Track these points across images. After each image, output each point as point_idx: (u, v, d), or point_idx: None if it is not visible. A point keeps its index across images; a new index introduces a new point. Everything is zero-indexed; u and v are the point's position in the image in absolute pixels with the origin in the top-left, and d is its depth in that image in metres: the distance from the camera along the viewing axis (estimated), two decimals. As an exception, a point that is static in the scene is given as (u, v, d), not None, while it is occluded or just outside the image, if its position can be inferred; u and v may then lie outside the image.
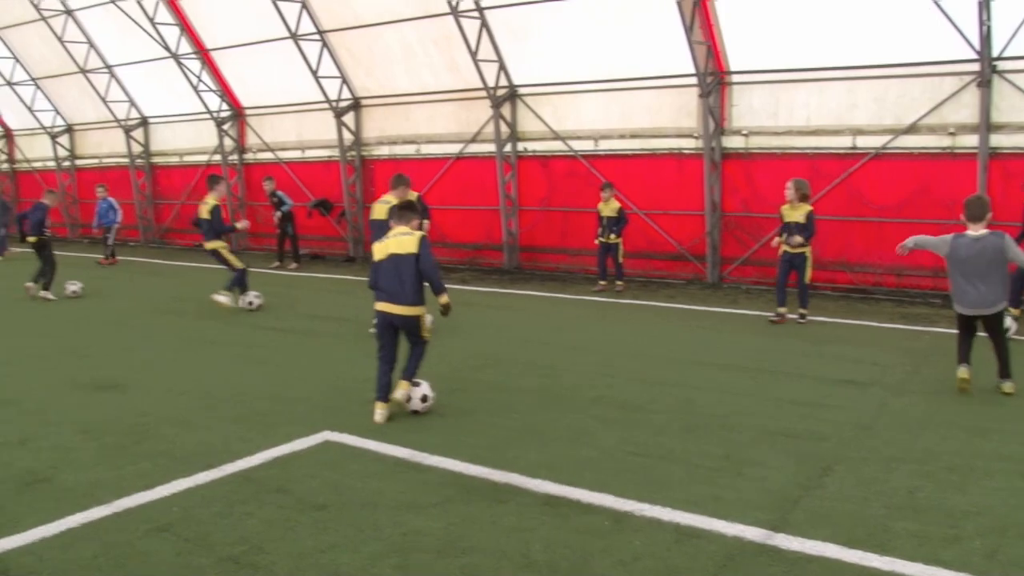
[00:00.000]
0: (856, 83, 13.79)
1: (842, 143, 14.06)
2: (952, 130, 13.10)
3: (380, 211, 10.62)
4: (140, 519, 5.55)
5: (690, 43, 14.30)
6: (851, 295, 13.93)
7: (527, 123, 17.39)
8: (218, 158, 23.06)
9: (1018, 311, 10.79)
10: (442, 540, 5.15)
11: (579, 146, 16.71)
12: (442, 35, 17.21)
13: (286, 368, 9.77)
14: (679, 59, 14.72)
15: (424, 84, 18.46)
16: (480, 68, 16.80)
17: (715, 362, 9.63)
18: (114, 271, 19.68)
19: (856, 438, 6.91)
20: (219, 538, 5.24)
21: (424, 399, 7.78)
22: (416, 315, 7.66)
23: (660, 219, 15.94)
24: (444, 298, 7.75)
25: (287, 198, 19.70)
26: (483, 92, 17.20)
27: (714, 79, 14.76)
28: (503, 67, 17.02)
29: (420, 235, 7.69)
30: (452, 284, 15.09)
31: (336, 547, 5.09)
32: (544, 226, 17.44)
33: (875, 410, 7.69)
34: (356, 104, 20.01)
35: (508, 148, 17.53)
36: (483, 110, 17.54)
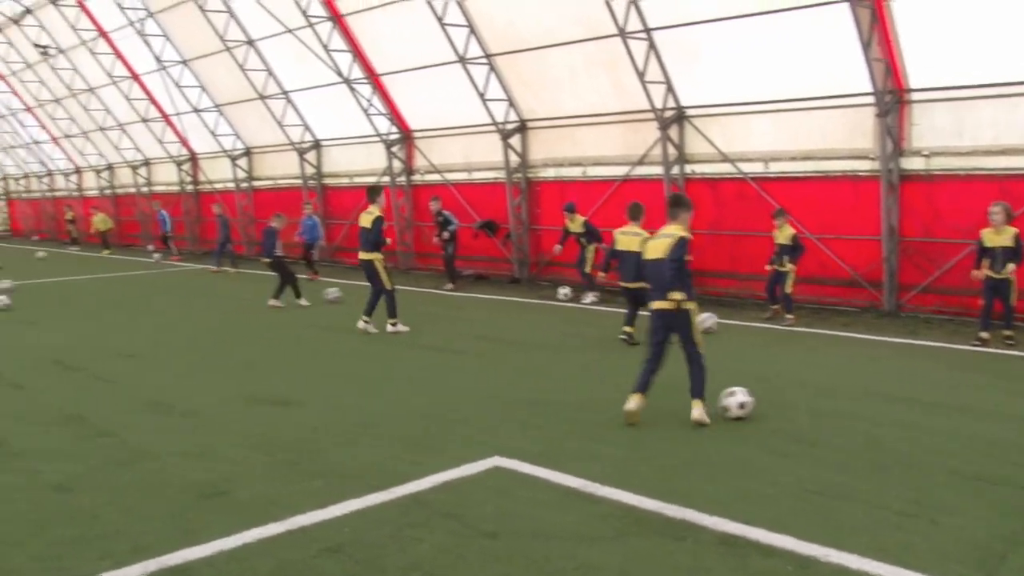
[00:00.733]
0: (1051, 99, 12.89)
1: (1036, 163, 13.14)
2: None
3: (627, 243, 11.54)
4: (313, 538, 5.67)
5: (868, 60, 13.70)
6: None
7: (695, 145, 17.08)
8: (387, 179, 23.73)
9: None
10: (618, 576, 5.02)
11: (749, 168, 16.29)
12: (609, 56, 17.15)
13: (453, 389, 9.87)
14: (854, 77, 14.11)
15: (590, 106, 18.45)
16: (647, 89, 16.64)
17: (898, 396, 9.11)
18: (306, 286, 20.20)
19: (1066, 487, 6.34)
20: (390, 562, 5.27)
21: (742, 406, 8.09)
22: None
23: (833, 244, 15.32)
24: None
25: (453, 218, 19.87)
26: (650, 114, 17.02)
27: (893, 97, 14.09)
28: (671, 88, 16.80)
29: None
30: (617, 308, 14.97)
31: (509, 577, 5.04)
32: (712, 250, 17.04)
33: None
34: (522, 126, 20.19)
35: (675, 170, 17.27)
36: (650, 132, 17.35)
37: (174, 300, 19.08)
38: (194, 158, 32.75)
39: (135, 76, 31.36)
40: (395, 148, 23.35)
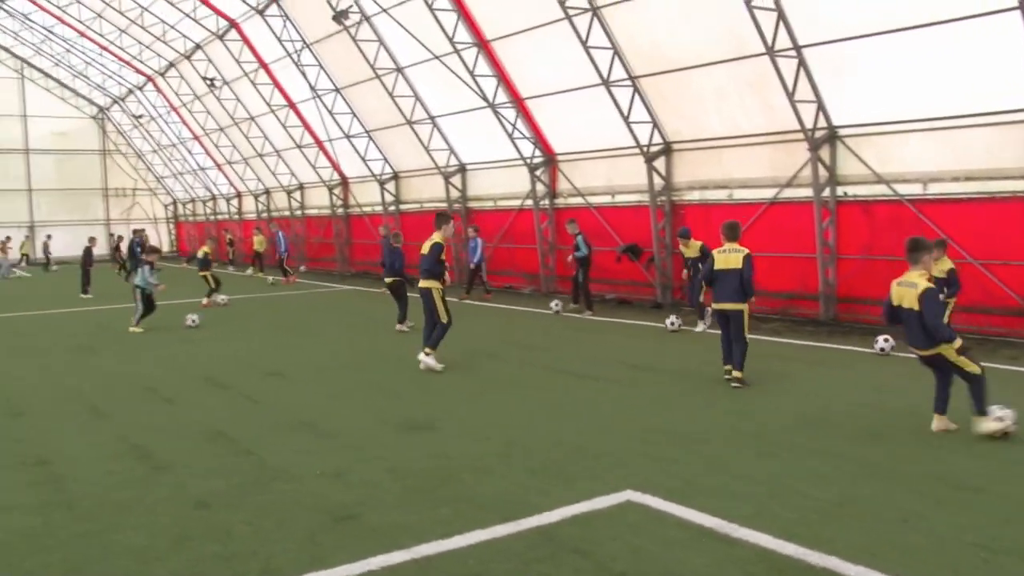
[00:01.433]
0: None
1: None
2: None
3: (725, 261, 11.20)
4: (437, 569, 5.58)
5: (1041, 73, 12.83)
6: None
7: (847, 166, 16.35)
8: (530, 203, 23.76)
9: None
10: (752, 627, 4.70)
11: (905, 190, 15.46)
12: (756, 76, 16.66)
13: (587, 417, 9.65)
14: (1024, 91, 13.24)
15: (737, 127, 17.97)
16: (797, 109, 16.07)
17: (1073, 439, 8.34)
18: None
19: None
20: (516, 599, 5.12)
21: (1000, 419, 8.14)
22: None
23: (999, 269, 14.33)
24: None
25: (584, 243, 19.23)
26: (800, 134, 16.42)
27: (1071, 113, 13.13)
28: (821, 107, 16.16)
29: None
30: (763, 336, 14.44)
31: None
32: (865, 276, 16.22)
33: None
34: (667, 148, 19.85)
35: (827, 192, 16.58)
36: (800, 153, 16.74)
37: (326, 321, 19.55)
38: (345, 182, 33.79)
39: (291, 104, 32.74)
40: (539, 171, 23.38)
